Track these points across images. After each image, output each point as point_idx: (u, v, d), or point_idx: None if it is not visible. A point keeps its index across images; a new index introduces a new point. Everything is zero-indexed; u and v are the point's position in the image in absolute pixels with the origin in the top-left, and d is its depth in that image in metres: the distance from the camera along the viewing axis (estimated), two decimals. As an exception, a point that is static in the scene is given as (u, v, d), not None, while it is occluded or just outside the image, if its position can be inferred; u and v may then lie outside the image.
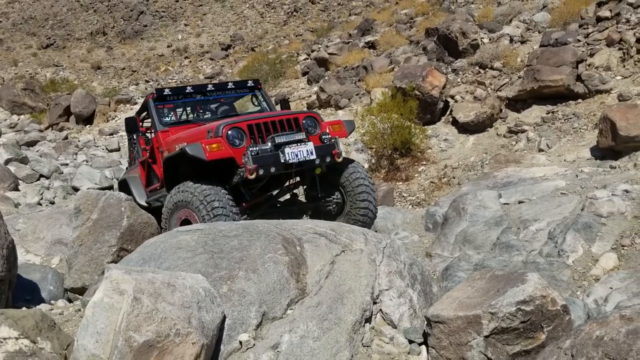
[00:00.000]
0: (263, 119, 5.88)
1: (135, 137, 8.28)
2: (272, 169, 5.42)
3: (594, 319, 2.22)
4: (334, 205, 6.48)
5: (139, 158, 7.55)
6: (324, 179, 6.33)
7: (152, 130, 7.24)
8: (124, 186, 8.11)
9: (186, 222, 5.44)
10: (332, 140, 5.97)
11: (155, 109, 6.80)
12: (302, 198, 6.95)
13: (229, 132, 5.52)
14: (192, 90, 7.12)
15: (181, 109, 7.25)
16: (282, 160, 5.45)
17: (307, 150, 5.64)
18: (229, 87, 7.30)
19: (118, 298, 2.71)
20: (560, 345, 2.22)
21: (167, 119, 6.91)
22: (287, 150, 5.49)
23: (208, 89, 7.21)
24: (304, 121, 6.04)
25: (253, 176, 5.30)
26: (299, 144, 5.64)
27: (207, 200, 5.21)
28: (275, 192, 6.64)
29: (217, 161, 5.46)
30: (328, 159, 5.83)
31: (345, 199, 6.41)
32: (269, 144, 5.56)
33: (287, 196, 6.91)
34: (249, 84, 7.47)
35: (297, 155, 5.54)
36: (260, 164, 5.34)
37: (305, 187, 6.71)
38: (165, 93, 6.97)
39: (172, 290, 2.92)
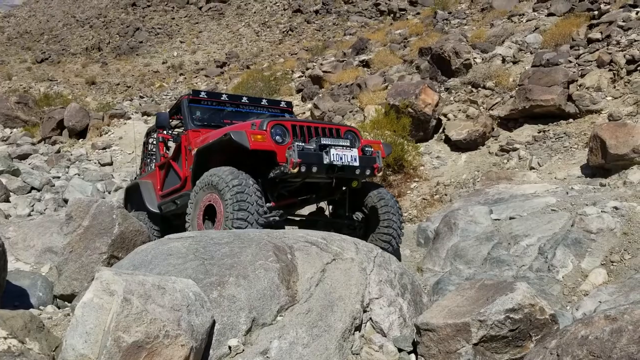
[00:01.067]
0: (307, 123, 5.96)
1: (153, 142, 8.41)
2: (314, 169, 5.37)
3: (579, 320, 2.25)
4: (357, 226, 6.43)
5: (157, 162, 7.64)
6: (351, 198, 6.31)
7: (171, 134, 7.41)
8: (132, 192, 8.15)
9: (210, 208, 5.47)
10: (375, 154, 5.94)
11: (189, 109, 6.87)
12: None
13: (273, 128, 5.53)
14: (226, 99, 7.23)
15: (211, 115, 7.23)
16: (326, 162, 5.40)
17: (351, 156, 5.62)
18: (262, 103, 7.42)
19: (108, 298, 2.71)
20: (546, 345, 2.24)
21: (198, 121, 6.98)
22: (333, 151, 5.46)
23: (242, 100, 7.30)
24: (346, 135, 6.04)
25: (296, 170, 5.23)
26: (344, 148, 5.62)
27: (232, 185, 5.18)
28: (310, 197, 6.50)
29: (254, 154, 5.49)
30: (368, 172, 5.79)
31: (370, 223, 6.36)
32: (314, 144, 5.52)
33: (313, 208, 6.88)
34: (281, 104, 7.59)
35: (341, 158, 5.50)
36: (304, 160, 5.28)
37: (330, 204, 6.68)
38: (201, 95, 7.09)
39: (162, 293, 2.92)
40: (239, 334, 3.26)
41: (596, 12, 12.36)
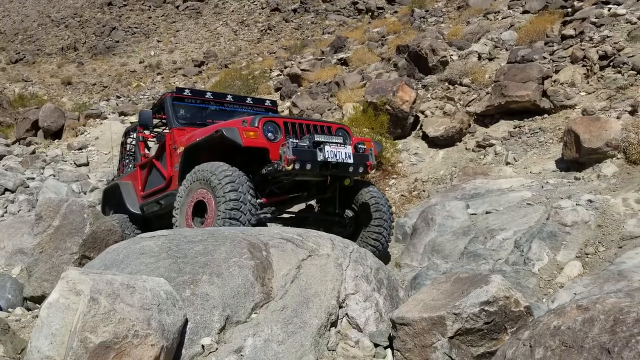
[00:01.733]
0: (299, 120, 5.90)
1: (132, 142, 8.18)
2: (308, 166, 5.30)
3: (551, 310, 2.24)
4: (347, 223, 6.39)
5: (138, 162, 7.46)
6: (341, 196, 6.24)
7: (153, 132, 7.20)
8: (111, 194, 7.96)
9: (200, 204, 5.36)
10: (368, 152, 5.89)
11: (172, 107, 6.75)
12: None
13: (265, 125, 5.45)
14: (211, 97, 7.11)
15: (195, 113, 7.11)
16: (320, 159, 5.34)
17: (345, 153, 5.56)
18: (247, 101, 7.32)
19: (74, 298, 2.64)
20: (519, 337, 2.23)
21: (182, 119, 6.85)
22: (327, 148, 5.39)
23: (227, 99, 7.20)
24: (338, 132, 6.00)
25: (290, 167, 5.16)
26: (338, 145, 5.56)
27: (225, 180, 5.08)
28: (301, 195, 6.40)
29: (245, 152, 5.39)
30: (361, 169, 5.73)
31: (360, 221, 6.33)
32: (307, 141, 5.46)
33: (302, 206, 6.76)
34: (266, 103, 7.50)
35: (335, 155, 5.44)
36: (298, 157, 5.20)
37: (320, 202, 6.58)
38: (185, 93, 6.96)
39: (131, 292, 2.86)
40: (213, 333, 3.21)
41: (569, 9, 12.50)
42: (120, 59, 36.04)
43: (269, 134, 5.41)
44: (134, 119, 21.53)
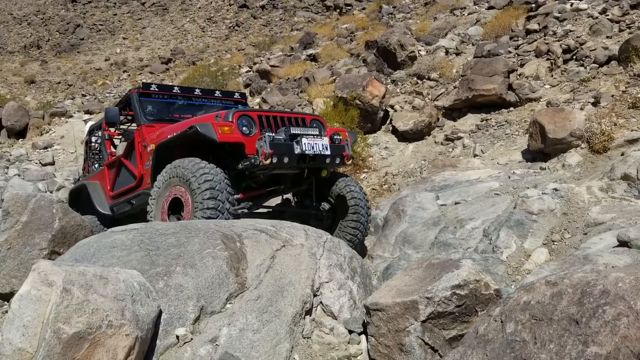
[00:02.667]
0: (273, 113, 5.78)
1: (97, 140, 7.92)
2: (286, 159, 5.23)
3: (521, 286, 2.31)
4: (325, 216, 6.33)
5: (105, 162, 7.24)
6: (317, 188, 6.18)
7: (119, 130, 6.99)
8: (77, 195, 7.73)
9: (176, 201, 5.25)
10: (344, 142, 5.84)
11: (139, 103, 6.55)
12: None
13: (239, 119, 5.35)
14: (178, 91, 6.93)
15: (163, 109, 6.91)
16: (297, 152, 5.27)
17: (322, 145, 5.50)
18: (215, 95, 7.16)
19: (46, 290, 2.61)
20: (490, 313, 2.29)
21: (150, 115, 6.64)
22: (304, 140, 5.32)
23: (195, 92, 7.03)
24: (312, 123, 5.93)
25: (268, 162, 5.08)
26: (314, 137, 5.49)
27: (203, 178, 4.98)
28: (278, 188, 6.31)
29: (220, 147, 5.29)
30: (338, 160, 5.69)
31: (337, 213, 6.28)
32: (283, 134, 5.39)
33: (279, 200, 6.69)
34: (235, 96, 7.34)
35: (313, 147, 5.38)
36: (275, 150, 5.13)
37: (295, 195, 6.50)
38: (151, 89, 6.76)
39: (104, 283, 2.83)
40: (187, 323, 3.20)
41: (533, 5, 12.77)
42: (85, 56, 35.36)
43: (244, 128, 5.34)
44: (100, 116, 21.19)
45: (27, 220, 4.48)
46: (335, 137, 5.81)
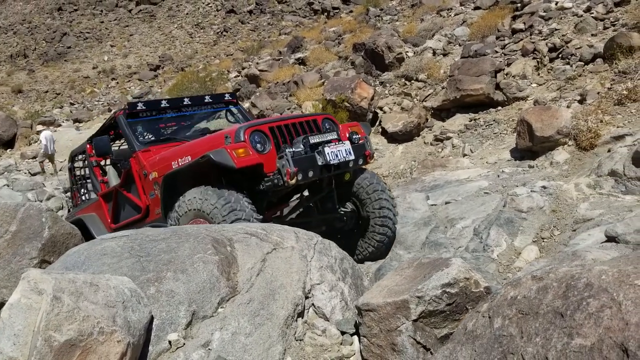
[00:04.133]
0: (284, 121, 5.33)
1: (83, 166, 7.37)
2: (310, 173, 4.89)
3: (508, 282, 2.34)
4: (349, 216, 6.00)
5: (98, 192, 6.66)
6: (338, 190, 5.80)
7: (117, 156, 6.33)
8: None
9: None
10: (363, 141, 5.52)
11: (129, 127, 6.00)
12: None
13: (251, 136, 4.91)
14: (167, 105, 6.38)
15: (155, 127, 6.42)
16: (320, 163, 4.93)
17: (345, 150, 5.17)
18: (205, 100, 6.65)
19: (37, 298, 2.60)
20: (479, 310, 2.31)
21: (143, 137, 6.11)
22: (327, 150, 4.98)
23: (184, 103, 6.49)
24: (324, 124, 5.58)
25: (293, 181, 4.74)
26: (336, 144, 5.14)
27: (227, 208, 4.64)
28: (301, 199, 6.00)
29: (238, 171, 4.82)
30: (361, 161, 5.40)
31: (362, 212, 5.92)
32: (301, 146, 5.01)
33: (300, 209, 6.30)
34: (225, 97, 6.87)
35: (337, 156, 5.05)
36: (299, 167, 4.78)
37: (315, 199, 6.03)
38: (138, 108, 6.17)
39: (95, 290, 2.83)
40: (179, 328, 3.20)
41: (519, 4, 12.87)
42: (72, 65, 35.23)
43: (258, 145, 4.92)
44: (89, 125, 21.11)
45: (16, 229, 4.46)
46: (354, 137, 5.50)
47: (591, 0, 10.81)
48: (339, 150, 5.11)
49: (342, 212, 6.00)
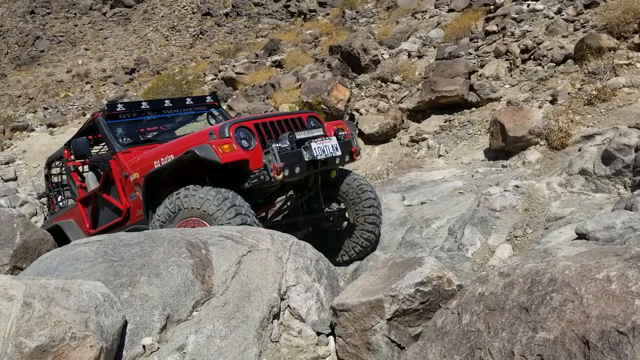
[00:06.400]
0: (269, 118, 5.30)
1: (60, 172, 7.17)
2: (297, 169, 4.85)
3: (476, 279, 2.38)
4: (337, 215, 5.99)
5: (77, 197, 6.53)
6: (324, 189, 5.76)
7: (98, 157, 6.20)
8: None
9: None
10: (349, 137, 5.48)
11: (108, 128, 5.87)
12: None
13: (236, 132, 4.86)
14: (147, 107, 6.28)
15: (135, 128, 6.33)
16: (307, 159, 4.90)
17: (332, 146, 5.12)
18: (187, 103, 6.55)
19: (6, 304, 2.57)
20: (448, 306, 2.35)
21: (123, 139, 5.99)
22: (314, 145, 4.94)
23: (165, 105, 6.38)
24: (309, 122, 5.53)
25: (280, 176, 4.68)
26: (322, 139, 5.09)
27: (226, 205, 4.55)
28: (288, 198, 5.91)
29: (217, 168, 4.78)
30: (347, 158, 5.37)
31: (349, 212, 5.93)
32: (287, 142, 4.95)
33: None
34: (207, 100, 6.78)
35: (323, 151, 5.00)
36: (286, 163, 4.72)
37: (302, 199, 5.96)
38: (118, 109, 6.06)
39: (66, 295, 2.80)
40: (154, 332, 3.19)
41: (492, 7, 13.06)
42: (46, 69, 34.70)
43: (243, 142, 4.88)
44: (63, 129, 20.82)
45: (-14, 236, 4.40)
46: (340, 133, 5.48)
47: (562, 2, 11.02)
48: (325, 146, 5.07)
49: (330, 211, 5.99)
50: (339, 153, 5.19)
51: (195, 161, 4.79)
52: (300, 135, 5.07)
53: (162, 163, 5.12)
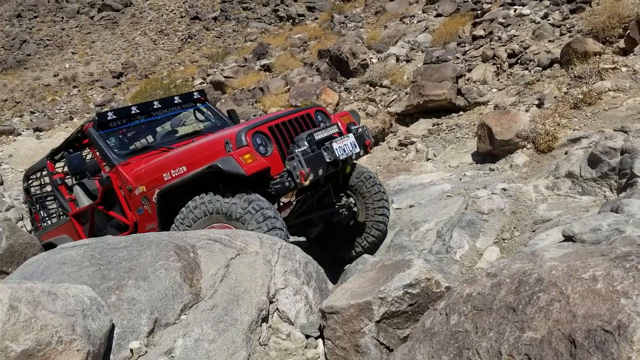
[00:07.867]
0: (281, 119, 5.12)
1: (43, 184, 6.87)
2: (320, 172, 4.74)
3: (464, 280, 2.39)
4: (347, 209, 5.92)
5: (68, 212, 6.26)
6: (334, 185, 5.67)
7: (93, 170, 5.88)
8: None
9: None
10: (361, 130, 5.40)
11: (102, 139, 5.62)
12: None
13: (253, 139, 4.70)
14: (137, 111, 6.04)
15: (129, 137, 6.14)
16: (329, 160, 4.81)
17: (351, 144, 5.05)
18: (175, 102, 6.36)
19: (-9, 308, 2.54)
20: (436, 307, 2.36)
21: (118, 149, 5.74)
22: (335, 145, 4.85)
23: (154, 106, 6.20)
24: (316, 116, 5.45)
25: (307, 183, 4.58)
26: (341, 138, 5.02)
27: (259, 210, 4.45)
28: (306, 195, 5.81)
29: (246, 178, 4.56)
30: (362, 152, 5.27)
31: (359, 205, 5.89)
32: (306, 144, 4.86)
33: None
34: (195, 96, 6.60)
35: (344, 151, 4.93)
36: (312, 167, 4.62)
37: (318, 195, 5.84)
38: (109, 118, 5.79)
39: (53, 299, 2.78)
40: (141, 336, 3.17)
41: (479, 11, 13.16)
42: (33, 72, 34.43)
43: (261, 148, 4.73)
44: (50, 134, 20.66)
45: (-28, 240, 4.35)
46: (352, 127, 5.39)
47: (548, 7, 11.13)
48: (345, 145, 5.00)
49: (341, 206, 5.95)
50: (357, 150, 5.12)
51: (225, 175, 4.62)
52: (319, 135, 4.98)
53: (174, 175, 4.94)
